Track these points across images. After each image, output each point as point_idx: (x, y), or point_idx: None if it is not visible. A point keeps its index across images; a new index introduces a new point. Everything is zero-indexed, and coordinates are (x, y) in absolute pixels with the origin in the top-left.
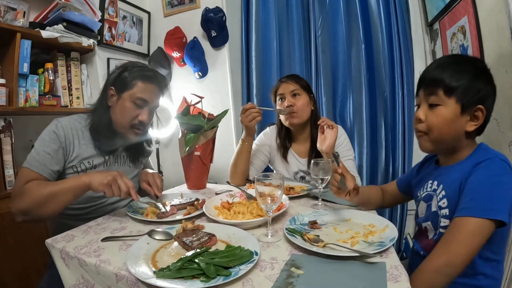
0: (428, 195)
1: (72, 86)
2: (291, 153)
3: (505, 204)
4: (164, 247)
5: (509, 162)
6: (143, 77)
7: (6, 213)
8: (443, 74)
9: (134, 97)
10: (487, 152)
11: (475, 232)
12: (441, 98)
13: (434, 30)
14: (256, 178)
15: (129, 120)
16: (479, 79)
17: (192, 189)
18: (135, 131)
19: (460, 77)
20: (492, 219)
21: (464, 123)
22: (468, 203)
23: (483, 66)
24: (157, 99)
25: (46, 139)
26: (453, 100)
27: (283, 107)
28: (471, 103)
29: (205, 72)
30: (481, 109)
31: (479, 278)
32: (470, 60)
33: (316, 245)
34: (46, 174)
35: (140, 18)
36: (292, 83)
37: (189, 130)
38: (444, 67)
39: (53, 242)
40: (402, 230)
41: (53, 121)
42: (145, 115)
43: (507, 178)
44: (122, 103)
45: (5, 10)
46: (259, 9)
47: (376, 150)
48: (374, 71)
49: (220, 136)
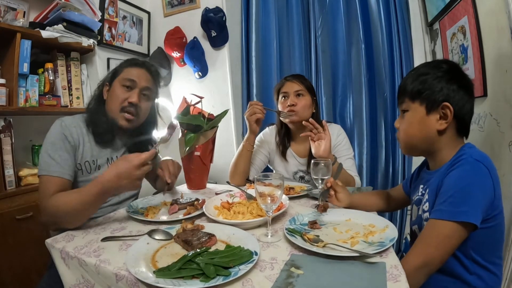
0: (419, 199)
1: (72, 86)
2: (290, 152)
3: (476, 206)
4: (164, 247)
5: (486, 162)
6: (131, 63)
7: (6, 213)
8: (407, 82)
9: (122, 80)
10: (464, 153)
11: (449, 235)
12: (408, 104)
13: (434, 30)
14: (256, 178)
15: (119, 103)
16: (441, 79)
17: (192, 189)
18: (125, 115)
19: (421, 80)
20: (464, 222)
21: (433, 123)
22: (440, 205)
23: (450, 66)
24: (146, 82)
25: (56, 142)
26: (417, 103)
27: (285, 106)
28: (435, 103)
29: (205, 72)
30: (447, 106)
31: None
32: (435, 64)
33: (316, 245)
34: (68, 176)
35: (140, 18)
36: (297, 83)
37: (189, 130)
38: (409, 75)
39: (53, 242)
40: (402, 230)
41: (57, 122)
42: (135, 97)
43: (478, 180)
44: (113, 89)
45: (5, 10)
46: (259, 9)
47: (376, 150)
48: (374, 71)
49: (220, 136)
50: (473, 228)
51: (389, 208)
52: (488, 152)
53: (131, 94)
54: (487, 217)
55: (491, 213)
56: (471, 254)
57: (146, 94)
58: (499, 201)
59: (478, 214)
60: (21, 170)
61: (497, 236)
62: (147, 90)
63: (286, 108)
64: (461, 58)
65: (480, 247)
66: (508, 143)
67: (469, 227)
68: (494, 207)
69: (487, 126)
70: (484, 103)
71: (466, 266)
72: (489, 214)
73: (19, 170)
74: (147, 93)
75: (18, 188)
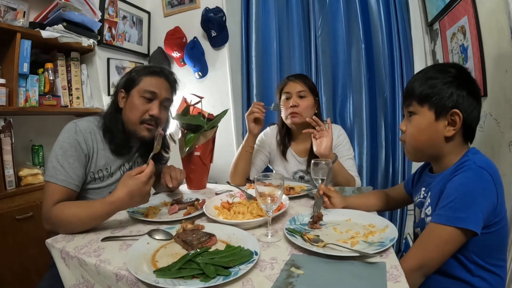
0: (420, 202)
1: (72, 86)
2: (290, 152)
3: (476, 213)
4: (164, 247)
5: (490, 169)
6: (149, 72)
7: (6, 213)
8: (414, 84)
9: (142, 91)
10: (468, 160)
11: (446, 239)
12: (415, 108)
13: (434, 30)
14: (256, 178)
15: (140, 115)
16: (450, 84)
17: (192, 189)
18: (146, 126)
19: (430, 84)
20: (463, 228)
21: (441, 129)
22: (441, 210)
23: (459, 71)
24: (166, 92)
25: (67, 148)
26: (426, 108)
27: (288, 106)
28: (444, 109)
29: (205, 72)
30: (457, 112)
31: (476, 280)
32: (443, 68)
33: (316, 245)
34: (73, 186)
35: (140, 18)
36: (300, 84)
37: (189, 130)
38: (417, 77)
39: (53, 242)
40: (402, 230)
41: (71, 125)
42: (155, 109)
43: (481, 187)
44: (131, 100)
45: (5, 10)
46: (259, 9)
47: (376, 150)
48: (374, 71)
49: (220, 136)
50: (473, 234)
51: (388, 207)
52: (488, 152)
53: (152, 106)
54: (490, 223)
55: (494, 220)
56: (474, 258)
57: (166, 105)
58: (502, 206)
59: (479, 221)
60: (21, 170)
61: (500, 240)
62: (167, 102)
63: (288, 109)
64: (461, 58)
65: (483, 251)
66: (508, 143)
67: (468, 233)
68: (497, 213)
69: (487, 126)
70: (484, 103)
71: (469, 269)
72: (492, 221)
73: (19, 170)
74: (167, 104)
75: (18, 188)
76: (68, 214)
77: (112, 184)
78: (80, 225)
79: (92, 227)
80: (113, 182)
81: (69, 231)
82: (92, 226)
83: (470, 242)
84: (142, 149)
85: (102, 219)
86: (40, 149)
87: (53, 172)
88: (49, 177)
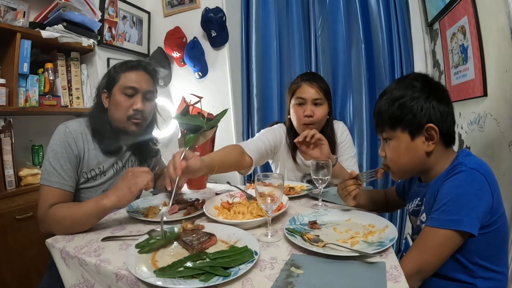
0: (415, 211)
1: (72, 86)
2: (298, 156)
3: (471, 215)
4: (164, 247)
5: (482, 169)
6: (127, 68)
7: (6, 213)
8: (382, 108)
9: (122, 88)
10: (459, 162)
11: (443, 242)
12: (389, 133)
13: (434, 30)
14: (256, 178)
15: (125, 112)
16: (418, 99)
17: (192, 189)
18: (134, 121)
19: (398, 105)
20: (458, 230)
21: (420, 146)
22: (435, 213)
23: (423, 82)
24: (147, 84)
25: (58, 150)
26: (399, 131)
27: (301, 114)
28: (418, 126)
29: (205, 72)
30: (432, 127)
31: (479, 281)
32: (407, 83)
33: (316, 245)
34: (68, 187)
35: (140, 18)
36: (316, 88)
37: (188, 130)
38: (383, 100)
39: (53, 241)
40: (402, 230)
41: (61, 128)
42: (139, 103)
43: (474, 188)
44: (114, 98)
45: (5, 10)
46: (259, 9)
47: (376, 150)
48: (374, 71)
49: (220, 136)
50: (470, 236)
51: (388, 207)
52: (488, 152)
53: (135, 100)
54: (488, 222)
55: (492, 219)
56: (476, 260)
57: (149, 97)
58: (499, 204)
59: (474, 222)
60: (21, 170)
61: (501, 237)
62: (149, 93)
63: (302, 118)
64: (461, 58)
65: (485, 251)
66: (508, 143)
67: (465, 235)
68: (494, 212)
69: (487, 126)
70: (484, 103)
71: (471, 271)
72: (490, 220)
73: (19, 170)
74: (149, 96)
75: (18, 188)
76: (65, 214)
77: (105, 182)
78: (78, 225)
79: (90, 227)
80: (106, 181)
81: (67, 232)
82: (90, 226)
83: (471, 243)
84: (133, 147)
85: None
86: (40, 149)
87: (46, 175)
88: (43, 181)
